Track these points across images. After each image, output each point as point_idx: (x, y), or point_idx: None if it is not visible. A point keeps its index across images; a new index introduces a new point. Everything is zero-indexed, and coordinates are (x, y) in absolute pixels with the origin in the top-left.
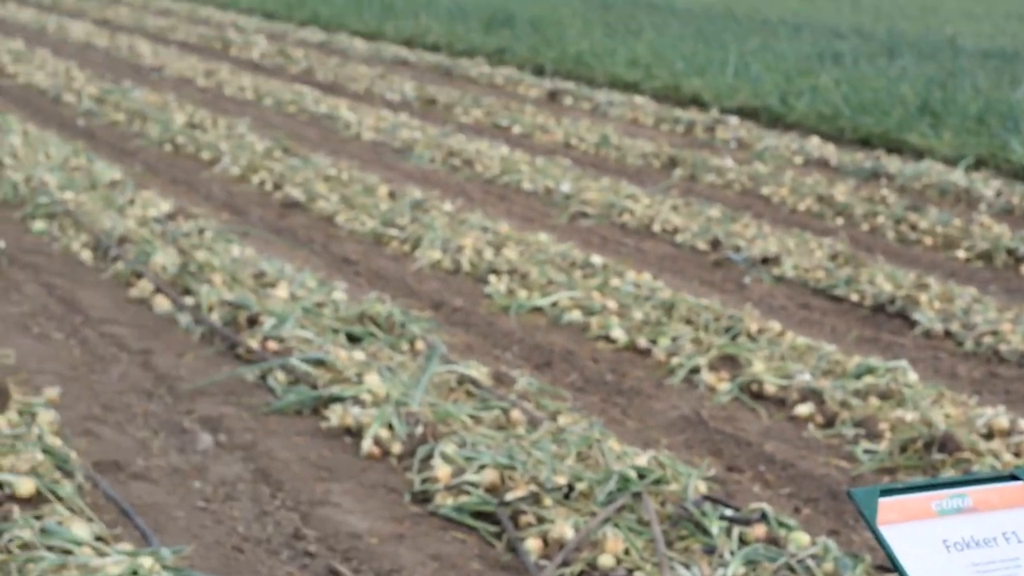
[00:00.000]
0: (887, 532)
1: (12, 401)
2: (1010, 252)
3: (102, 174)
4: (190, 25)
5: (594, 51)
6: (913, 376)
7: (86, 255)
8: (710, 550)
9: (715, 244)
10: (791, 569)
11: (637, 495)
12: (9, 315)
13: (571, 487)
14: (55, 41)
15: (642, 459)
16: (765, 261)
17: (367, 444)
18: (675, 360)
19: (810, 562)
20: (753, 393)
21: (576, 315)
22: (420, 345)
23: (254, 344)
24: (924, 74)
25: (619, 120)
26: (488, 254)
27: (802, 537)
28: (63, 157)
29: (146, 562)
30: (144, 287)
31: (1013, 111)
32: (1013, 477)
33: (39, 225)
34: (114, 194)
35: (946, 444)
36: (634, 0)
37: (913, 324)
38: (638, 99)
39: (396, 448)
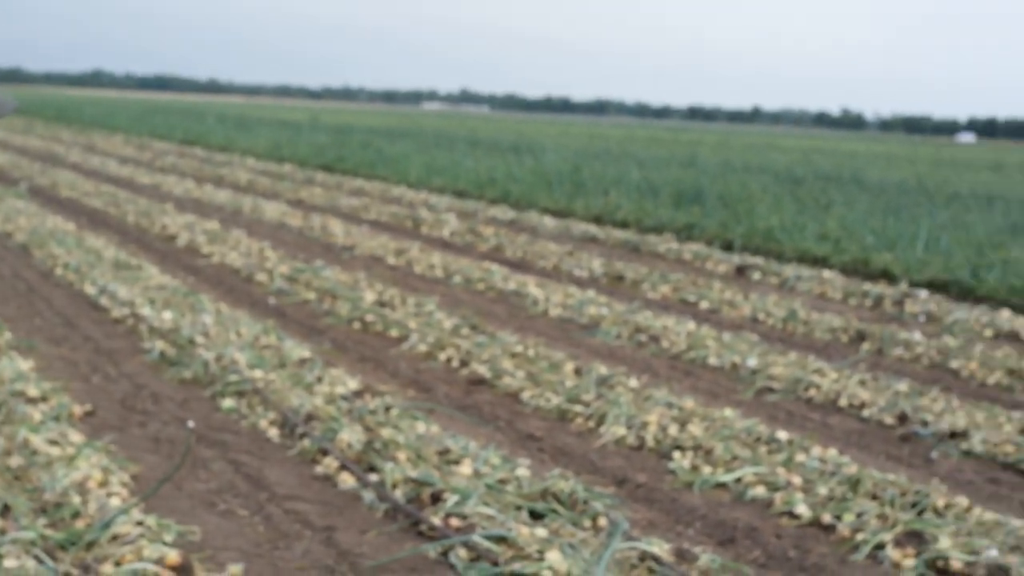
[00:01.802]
0: None
1: None
2: None
3: (291, 352)
4: (382, 204)
5: (783, 226)
6: None
7: (273, 432)
8: None
9: (902, 419)
10: None
11: None
12: (196, 492)
13: None
14: (250, 221)
15: None
16: (953, 436)
17: None
18: (860, 536)
19: None
20: (939, 570)
21: (760, 491)
22: (603, 522)
23: (437, 521)
24: None
25: (807, 294)
26: (673, 430)
27: None
28: (254, 335)
29: None
30: (329, 464)
31: None
32: None
33: (228, 403)
34: (303, 372)
35: None
36: (825, 175)
37: None
38: (827, 273)
39: None
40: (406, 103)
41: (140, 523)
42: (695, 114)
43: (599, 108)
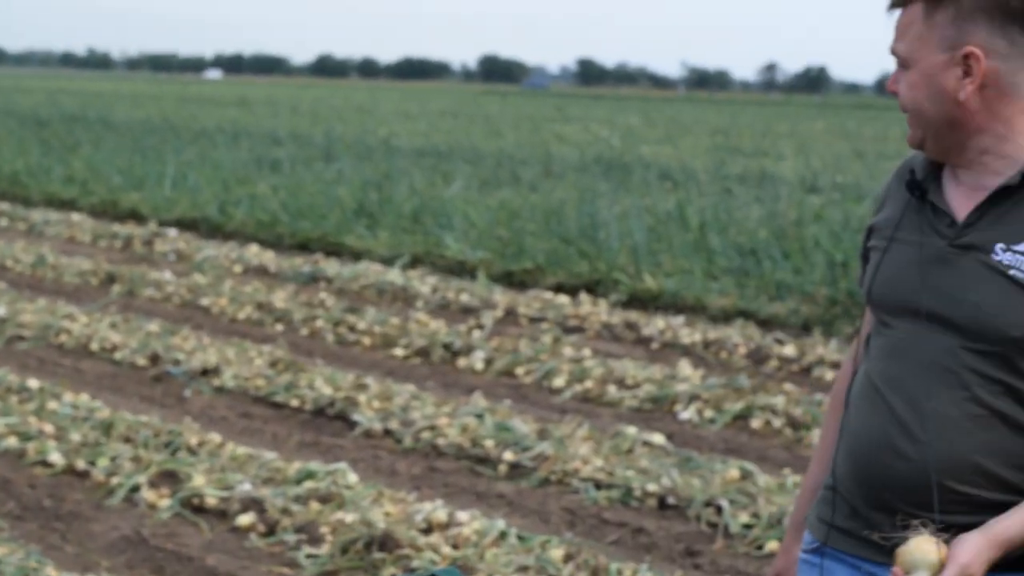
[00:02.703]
0: None
1: None
2: (446, 347)
3: None
4: None
5: (30, 169)
6: (353, 477)
7: None
8: None
9: (154, 359)
10: None
11: None
12: None
13: None
14: None
15: None
16: (205, 373)
17: None
18: (115, 480)
19: None
20: (195, 507)
21: (12, 442)
22: None
23: None
24: (361, 176)
25: (56, 239)
26: None
27: None
28: None
29: None
30: None
31: (446, 208)
32: None
33: None
34: None
35: (386, 542)
36: (71, 116)
37: (353, 425)
38: (75, 216)
39: None
40: None
41: None
42: None
43: None
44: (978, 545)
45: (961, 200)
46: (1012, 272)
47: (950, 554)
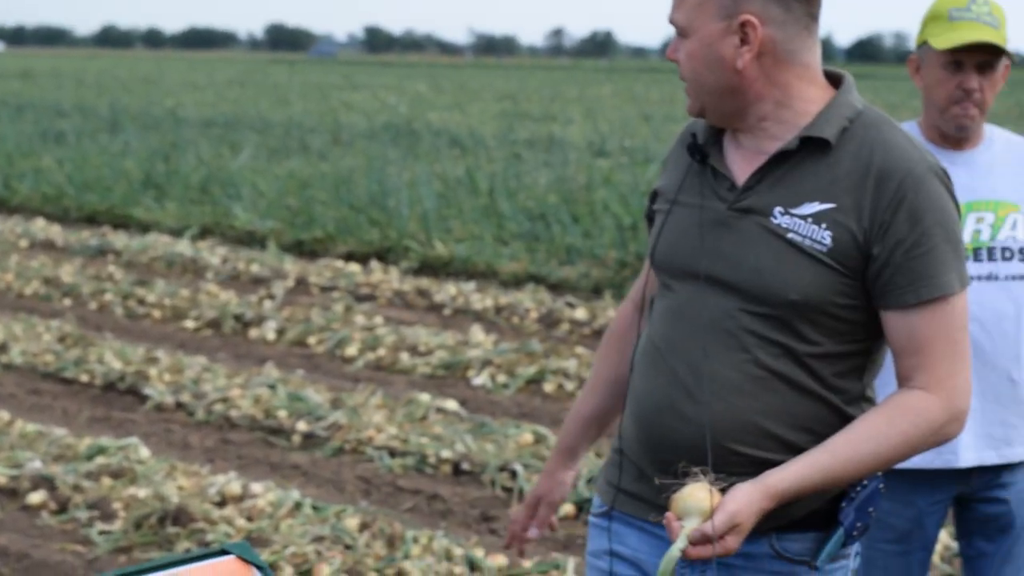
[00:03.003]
0: None
1: None
2: (237, 318)
3: None
4: None
5: None
6: (145, 452)
7: None
8: None
9: None
10: None
11: None
12: None
13: None
14: None
15: None
16: None
17: None
18: None
19: None
20: None
21: None
22: None
23: None
24: (147, 147)
25: None
26: None
27: None
28: None
29: None
30: None
31: (234, 178)
32: (223, 552)
33: None
34: None
35: (180, 517)
36: None
37: (144, 399)
38: None
39: None
40: None
41: None
42: None
43: None
44: (749, 495)
45: (741, 164)
46: (790, 235)
47: (721, 501)
